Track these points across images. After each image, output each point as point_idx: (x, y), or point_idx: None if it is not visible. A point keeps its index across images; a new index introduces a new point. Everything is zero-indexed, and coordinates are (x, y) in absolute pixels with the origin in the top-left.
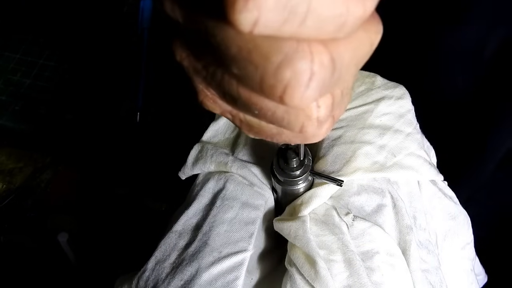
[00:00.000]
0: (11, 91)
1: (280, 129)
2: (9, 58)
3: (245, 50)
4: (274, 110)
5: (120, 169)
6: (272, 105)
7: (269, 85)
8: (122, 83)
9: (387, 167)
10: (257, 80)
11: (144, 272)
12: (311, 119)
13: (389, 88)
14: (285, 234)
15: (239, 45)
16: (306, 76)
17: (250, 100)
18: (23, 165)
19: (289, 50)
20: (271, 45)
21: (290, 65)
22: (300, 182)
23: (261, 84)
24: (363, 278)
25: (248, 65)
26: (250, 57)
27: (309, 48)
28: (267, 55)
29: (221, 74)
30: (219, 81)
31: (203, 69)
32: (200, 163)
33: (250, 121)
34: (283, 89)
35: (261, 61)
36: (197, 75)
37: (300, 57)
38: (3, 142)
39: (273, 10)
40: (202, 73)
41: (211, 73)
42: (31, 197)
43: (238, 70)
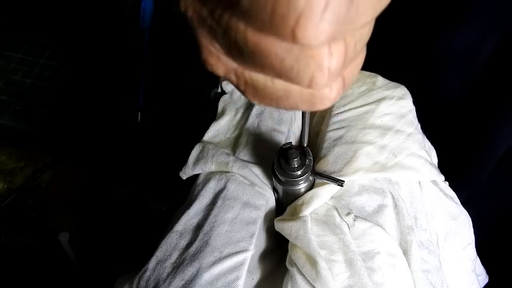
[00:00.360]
0: (12, 90)
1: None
2: (10, 57)
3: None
4: (283, 57)
5: (121, 169)
6: (281, 51)
7: (281, 15)
8: (123, 83)
9: (388, 167)
10: (268, 10)
11: (145, 272)
12: (322, 68)
13: (390, 88)
14: (286, 234)
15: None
16: (321, 4)
17: (258, 46)
18: (24, 165)
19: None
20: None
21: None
22: (301, 182)
23: (272, 15)
24: (364, 278)
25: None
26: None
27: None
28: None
29: (228, 17)
30: (225, 26)
31: (208, 16)
32: (201, 163)
33: (255, 80)
34: (296, 19)
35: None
36: (202, 26)
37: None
38: (4, 142)
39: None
40: (207, 21)
41: (217, 17)
42: (32, 197)
43: (248, 1)
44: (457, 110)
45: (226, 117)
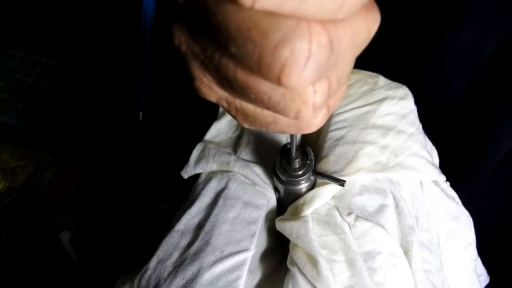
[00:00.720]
0: (13, 89)
1: (276, 117)
2: (12, 56)
3: (244, 27)
4: (270, 94)
5: (122, 169)
6: (269, 89)
7: (267, 64)
8: (125, 83)
9: (389, 168)
10: (255, 58)
11: (146, 271)
12: (307, 104)
13: (392, 88)
14: (287, 234)
15: (238, 22)
16: (304, 55)
17: (247, 83)
18: (25, 164)
19: (288, 29)
20: (271, 23)
21: (288, 44)
22: (303, 182)
23: (259, 63)
24: (365, 278)
25: (247, 43)
26: (249, 35)
27: (308, 28)
28: (266, 32)
29: (219, 56)
30: (216, 63)
31: (201, 52)
32: (202, 163)
33: (245, 108)
34: (280, 68)
35: (260, 39)
36: (195, 59)
37: (299, 36)
38: (5, 140)
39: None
40: (200, 56)
41: (209, 55)
42: (33, 195)
43: (237, 48)
44: (458, 110)
45: (227, 117)
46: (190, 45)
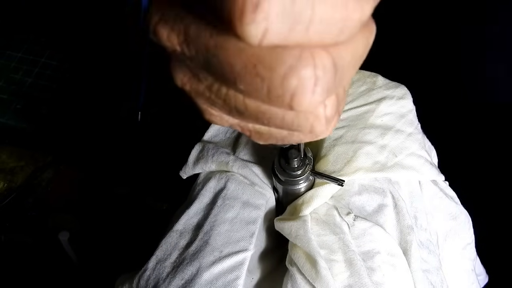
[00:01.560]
0: (12, 90)
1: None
2: (10, 56)
3: (250, 65)
4: (283, 116)
5: (121, 169)
6: (281, 112)
7: (277, 95)
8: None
9: (388, 167)
10: (264, 92)
11: (145, 271)
12: (319, 118)
13: (390, 88)
14: (286, 234)
15: (243, 61)
16: (311, 82)
17: (259, 111)
18: (24, 164)
19: (293, 59)
20: (275, 56)
21: (295, 74)
22: (301, 181)
23: (268, 95)
24: (364, 278)
25: (254, 78)
26: (255, 71)
27: (311, 55)
28: (272, 67)
29: (226, 91)
30: (223, 98)
31: (206, 90)
32: (201, 163)
33: (259, 129)
34: (290, 97)
35: (267, 74)
36: (200, 97)
37: (304, 65)
38: (4, 140)
39: (280, 20)
40: (205, 94)
41: (215, 92)
42: (32, 196)
43: (244, 85)
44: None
45: None
46: (194, 85)
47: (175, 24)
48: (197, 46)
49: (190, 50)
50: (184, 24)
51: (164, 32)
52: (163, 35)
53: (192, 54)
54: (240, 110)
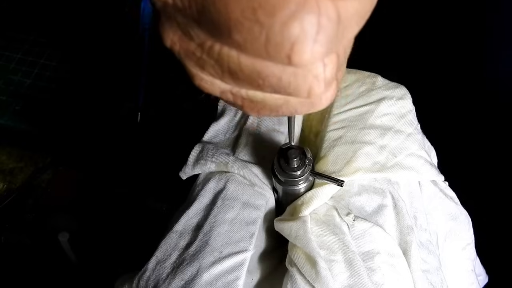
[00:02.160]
0: (11, 91)
1: (286, 98)
2: (9, 58)
3: (249, 10)
4: (280, 75)
5: (120, 169)
6: (278, 70)
7: (276, 44)
8: (123, 83)
9: (388, 168)
10: (261, 40)
11: (145, 272)
12: (318, 79)
13: (390, 88)
14: (286, 234)
15: (242, 6)
16: (314, 29)
17: (254, 70)
18: (23, 165)
19: (297, 5)
20: (278, 1)
21: (297, 20)
22: (301, 182)
23: (266, 45)
24: (364, 278)
25: (253, 25)
26: (255, 16)
27: (316, 2)
28: (274, 12)
29: (219, 48)
30: (217, 56)
31: (197, 49)
32: (201, 163)
33: (253, 96)
34: (290, 46)
35: (267, 20)
36: (190, 58)
37: (308, 11)
38: (3, 141)
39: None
40: (196, 53)
41: (207, 49)
42: (31, 197)
43: (241, 34)
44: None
45: (226, 117)
46: (184, 44)
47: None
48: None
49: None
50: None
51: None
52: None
53: (184, 5)
54: (234, 71)
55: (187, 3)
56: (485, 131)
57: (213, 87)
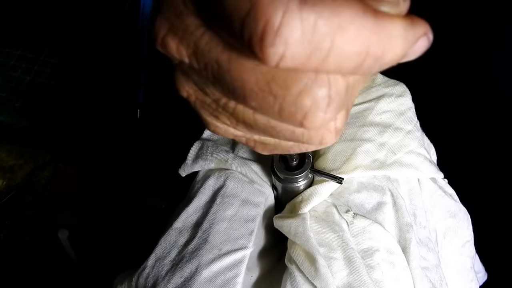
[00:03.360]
0: (11, 88)
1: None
2: (9, 54)
3: (263, 82)
4: (293, 130)
5: (120, 166)
6: (291, 127)
7: (289, 112)
8: (123, 80)
9: (387, 165)
10: (275, 109)
11: (144, 269)
12: (330, 131)
13: (389, 85)
14: (285, 232)
15: (256, 78)
16: (325, 102)
17: (268, 125)
18: (23, 162)
19: (308, 80)
20: (290, 75)
21: (310, 94)
22: (300, 179)
23: (280, 113)
24: (363, 275)
25: (267, 96)
26: (269, 88)
27: (327, 77)
28: (287, 85)
29: (234, 106)
30: (231, 111)
31: (212, 103)
32: (200, 160)
33: (265, 140)
34: (303, 115)
35: (280, 92)
36: (205, 109)
37: (319, 85)
38: (3, 139)
39: (299, 45)
40: (211, 106)
41: (222, 105)
42: (31, 194)
43: (255, 101)
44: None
45: None
46: (200, 97)
47: (185, 36)
48: (207, 60)
49: (199, 63)
50: (195, 37)
51: (173, 44)
52: (172, 47)
53: (201, 67)
54: (249, 124)
55: (203, 66)
56: (484, 129)
57: (227, 133)
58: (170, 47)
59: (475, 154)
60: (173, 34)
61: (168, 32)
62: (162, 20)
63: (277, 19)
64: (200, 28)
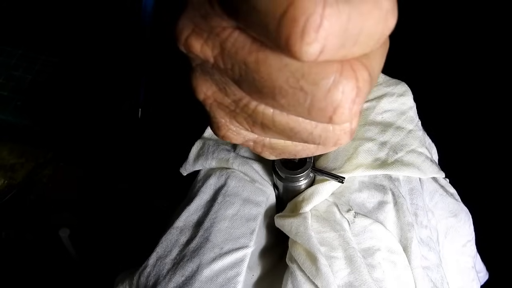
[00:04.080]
0: (13, 86)
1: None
2: (11, 53)
3: (293, 80)
4: (311, 130)
5: (121, 165)
6: (310, 126)
7: (319, 108)
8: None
9: (388, 164)
10: (306, 105)
11: (145, 268)
12: (346, 131)
13: (391, 85)
14: (286, 231)
15: (286, 76)
16: (354, 93)
17: (287, 126)
18: (24, 161)
19: (336, 73)
20: (319, 71)
21: (339, 87)
22: (302, 178)
23: (310, 109)
24: (364, 275)
25: (297, 92)
26: (298, 85)
27: (351, 68)
28: (316, 80)
29: (255, 106)
30: (250, 112)
31: (231, 103)
32: (201, 159)
33: (275, 144)
34: (333, 110)
35: (310, 87)
36: (222, 110)
37: (347, 78)
38: (4, 137)
39: (336, 37)
40: (230, 107)
41: (242, 106)
42: (32, 192)
43: (285, 99)
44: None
45: None
46: (219, 98)
47: (210, 37)
48: (234, 61)
49: (226, 64)
50: (221, 38)
51: (198, 44)
52: (196, 48)
53: (227, 67)
54: (266, 126)
55: (230, 66)
56: (486, 128)
57: (238, 137)
58: (194, 48)
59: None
60: (197, 35)
61: (192, 32)
62: (186, 20)
63: (318, 15)
64: (226, 29)
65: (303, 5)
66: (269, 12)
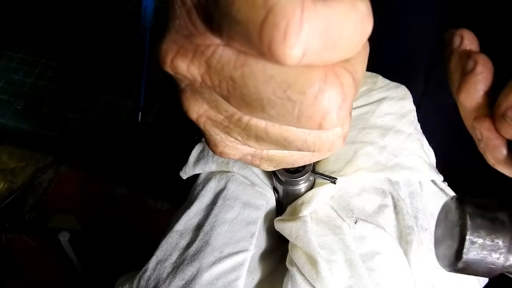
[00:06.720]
0: (13, 90)
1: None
2: (11, 57)
3: (279, 90)
4: (305, 138)
5: (121, 169)
6: (303, 134)
7: (308, 116)
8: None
9: (388, 167)
10: (295, 114)
11: (145, 271)
12: (339, 136)
13: (390, 88)
14: (286, 234)
15: (272, 88)
16: (340, 99)
17: (281, 136)
18: (24, 165)
19: (320, 80)
20: (304, 80)
21: (325, 94)
22: (302, 182)
23: (299, 117)
24: (364, 278)
25: (285, 102)
26: (286, 96)
27: (335, 74)
28: (303, 89)
29: (248, 120)
30: (244, 127)
31: (224, 120)
32: (201, 163)
33: (272, 155)
34: (322, 116)
35: (297, 97)
36: (216, 127)
37: (332, 85)
38: (5, 141)
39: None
40: (222, 123)
41: (235, 121)
42: (32, 196)
43: (274, 110)
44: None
45: None
46: (211, 116)
47: (195, 56)
48: (221, 77)
49: (213, 81)
50: (206, 56)
51: (184, 65)
52: (182, 68)
53: (215, 84)
54: (260, 138)
55: (217, 83)
56: None
57: (236, 152)
58: (180, 69)
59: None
60: (182, 56)
61: (177, 54)
62: (169, 43)
63: (297, 18)
64: (211, 47)
65: (283, 10)
66: (249, 21)
